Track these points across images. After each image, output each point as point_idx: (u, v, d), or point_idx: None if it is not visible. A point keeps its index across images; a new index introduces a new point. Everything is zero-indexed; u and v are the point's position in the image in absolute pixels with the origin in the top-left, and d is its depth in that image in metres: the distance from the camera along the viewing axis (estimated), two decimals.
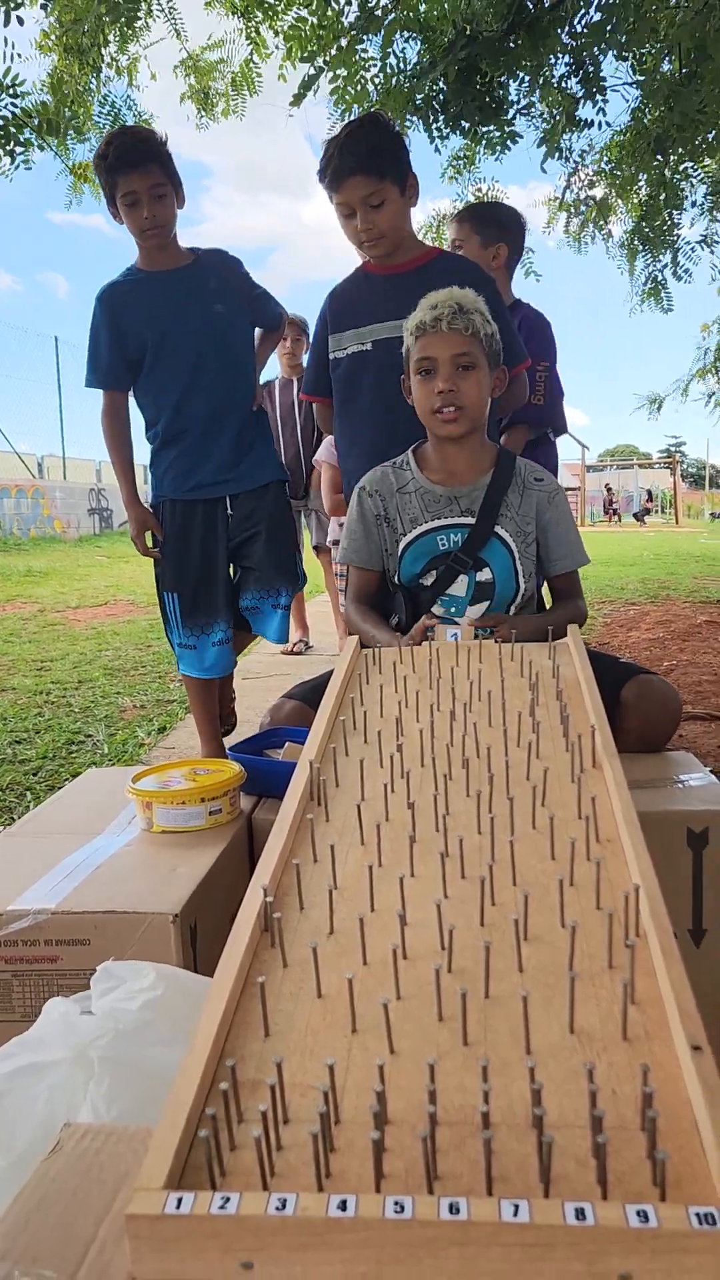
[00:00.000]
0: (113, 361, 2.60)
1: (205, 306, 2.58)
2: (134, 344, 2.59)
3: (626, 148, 4.69)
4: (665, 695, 1.78)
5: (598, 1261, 0.55)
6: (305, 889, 0.96)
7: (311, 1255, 0.58)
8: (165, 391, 2.60)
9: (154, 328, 2.56)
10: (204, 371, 2.58)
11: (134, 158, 2.43)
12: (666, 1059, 0.70)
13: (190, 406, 2.59)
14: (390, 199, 2.18)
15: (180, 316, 2.56)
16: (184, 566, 2.65)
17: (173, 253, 2.62)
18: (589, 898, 0.91)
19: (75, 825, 1.57)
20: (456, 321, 1.82)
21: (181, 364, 2.57)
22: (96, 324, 2.60)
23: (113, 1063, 0.88)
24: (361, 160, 2.13)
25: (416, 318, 1.87)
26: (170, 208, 2.54)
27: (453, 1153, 0.64)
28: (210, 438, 2.61)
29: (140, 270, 2.63)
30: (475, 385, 1.88)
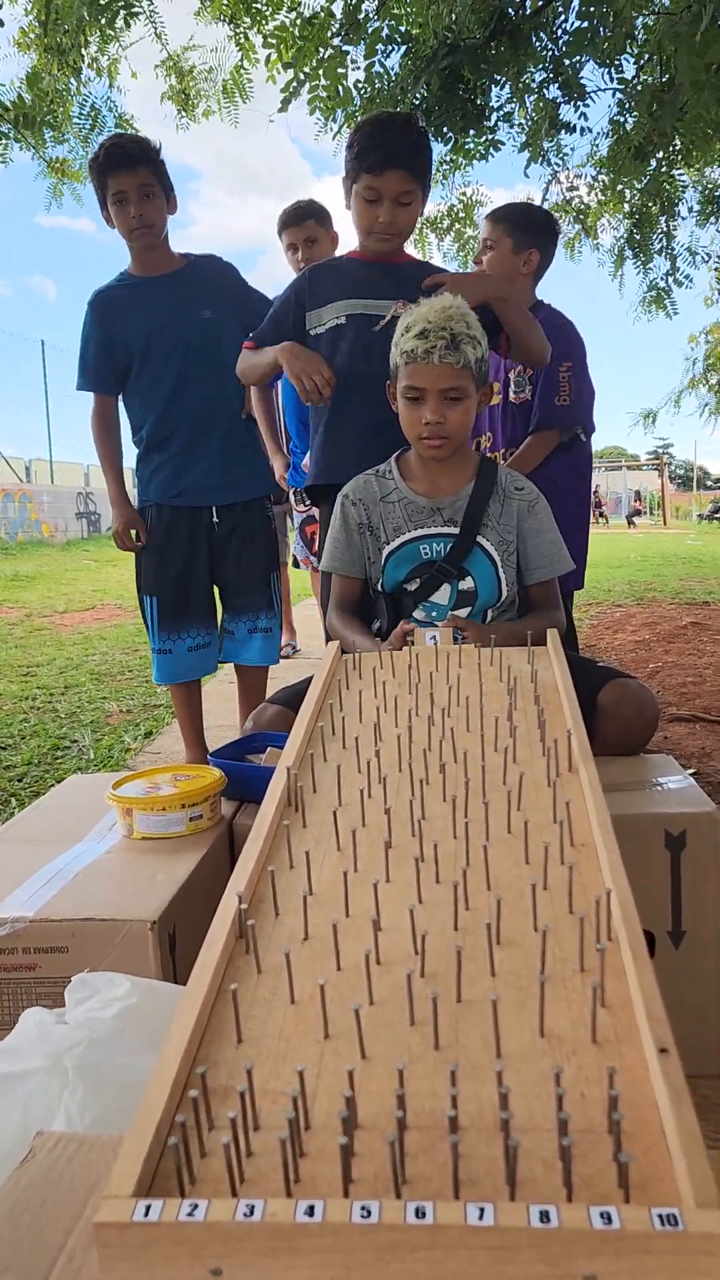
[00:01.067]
0: (100, 365, 2.63)
1: (193, 311, 2.60)
2: (122, 349, 2.61)
3: (609, 153, 4.71)
4: (642, 699, 1.79)
5: (562, 1263, 0.56)
6: (281, 895, 0.96)
7: (279, 1260, 0.58)
8: (151, 396, 2.63)
9: (142, 332, 2.59)
10: (190, 377, 2.60)
11: (123, 158, 2.48)
12: (635, 1062, 0.71)
13: (176, 411, 2.61)
14: (416, 203, 2.23)
15: (167, 321, 2.59)
16: (164, 570, 2.67)
17: (163, 257, 2.64)
18: (562, 902, 0.92)
19: (56, 832, 1.57)
20: (448, 356, 1.81)
21: (168, 369, 2.59)
22: (87, 328, 2.63)
23: (87, 1071, 0.88)
24: (409, 157, 2.16)
25: (407, 343, 1.85)
26: (158, 209, 2.56)
27: (421, 1157, 0.64)
28: (196, 443, 2.63)
29: (131, 275, 2.67)
30: (463, 415, 1.89)
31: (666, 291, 5.82)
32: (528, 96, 4.02)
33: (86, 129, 4.91)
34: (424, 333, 1.82)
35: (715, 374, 9.19)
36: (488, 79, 3.68)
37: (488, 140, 4.00)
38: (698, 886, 1.47)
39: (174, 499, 2.65)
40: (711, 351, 8.92)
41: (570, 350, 2.72)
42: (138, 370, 2.62)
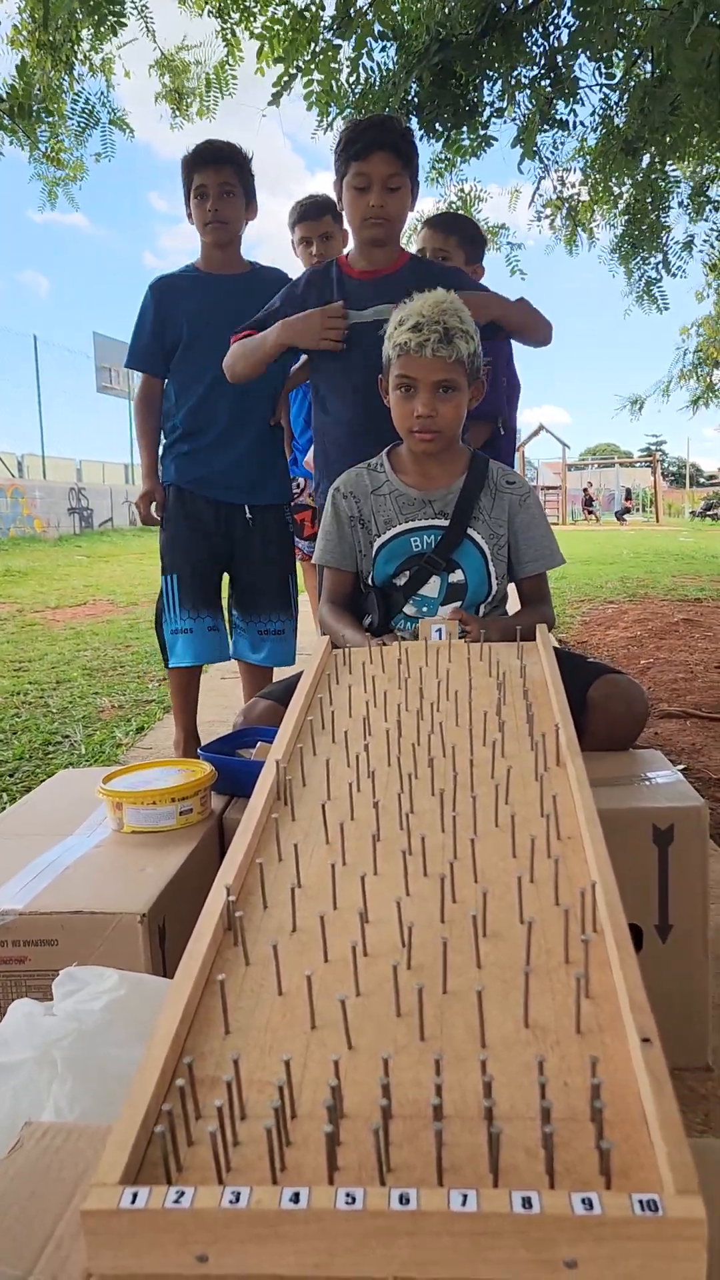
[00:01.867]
0: (152, 346, 2.72)
1: (247, 315, 2.63)
2: (172, 332, 2.70)
3: (599, 149, 4.72)
4: (631, 694, 1.79)
5: (544, 1249, 0.57)
6: (269, 888, 0.97)
7: (265, 1247, 0.59)
8: (190, 387, 2.70)
9: (194, 320, 2.67)
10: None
11: (212, 156, 2.61)
12: (617, 1051, 0.72)
13: (211, 404, 2.69)
14: (404, 190, 2.25)
15: (221, 316, 2.65)
16: (187, 549, 2.73)
17: (231, 258, 2.74)
18: (548, 894, 0.92)
19: (46, 826, 1.57)
20: (441, 349, 1.82)
21: (211, 362, 2.63)
22: (144, 309, 2.72)
23: (76, 1063, 0.89)
24: (394, 140, 2.20)
25: (400, 335, 1.85)
26: (236, 208, 2.66)
27: (406, 1145, 0.65)
28: (226, 440, 2.70)
29: (196, 269, 2.76)
30: (454, 409, 1.89)
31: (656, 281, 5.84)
32: (519, 93, 4.02)
33: (80, 126, 4.91)
34: (417, 325, 1.83)
35: (706, 367, 9.21)
36: (479, 75, 3.68)
37: (480, 137, 4.00)
38: (685, 881, 1.48)
39: (200, 487, 2.73)
40: (702, 344, 8.94)
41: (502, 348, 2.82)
42: (182, 356, 2.70)
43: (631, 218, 5.47)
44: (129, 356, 2.79)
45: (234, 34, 4.45)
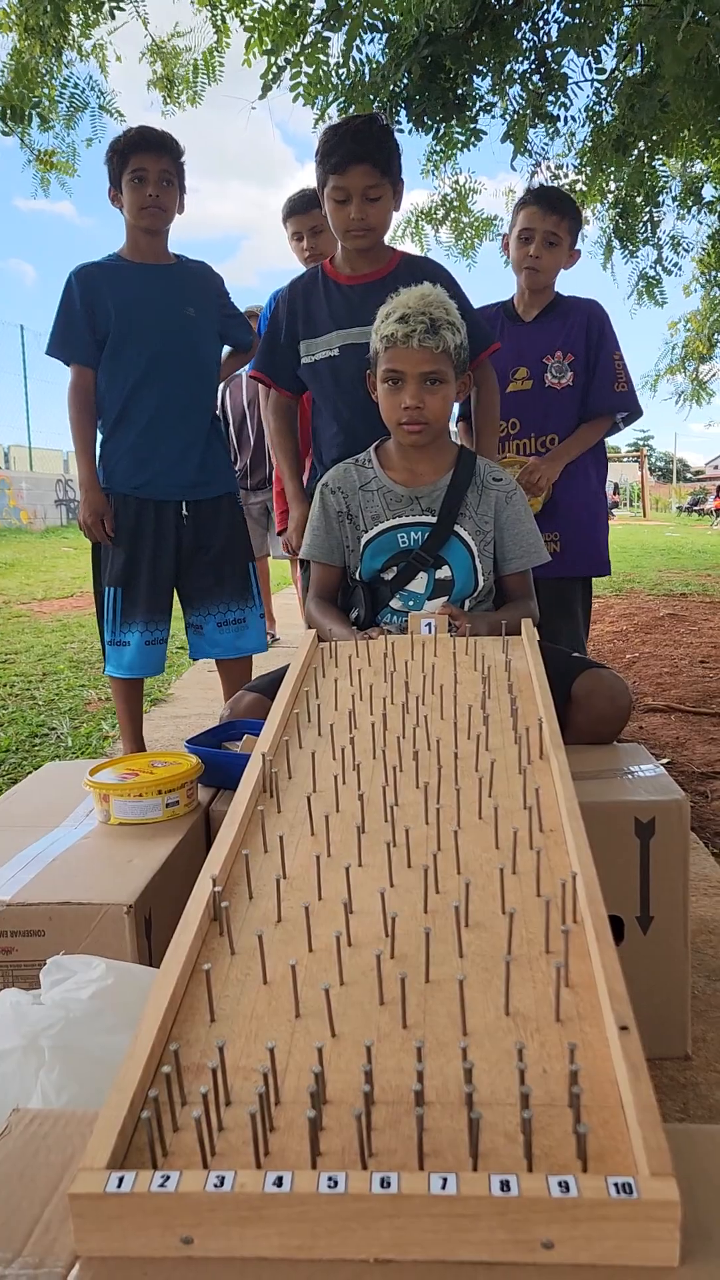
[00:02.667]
0: (83, 336, 2.62)
1: (177, 306, 2.62)
2: (101, 323, 2.61)
3: (589, 144, 4.72)
4: (615, 689, 1.81)
5: (521, 1230, 0.58)
6: (255, 879, 0.98)
7: (248, 1229, 0.60)
8: (122, 379, 2.63)
9: (123, 310, 2.59)
10: (163, 366, 2.61)
11: (153, 141, 2.54)
12: (596, 1039, 0.73)
13: (144, 395, 2.62)
14: (385, 197, 2.22)
15: (150, 306, 2.60)
16: (133, 562, 2.66)
17: (159, 248, 2.67)
18: (530, 885, 0.94)
19: (32, 818, 1.58)
20: (428, 340, 1.83)
21: (141, 354, 2.59)
22: (70, 298, 2.62)
23: (63, 1050, 0.90)
24: (370, 151, 2.17)
25: (387, 327, 1.86)
26: (172, 197, 2.60)
27: (388, 1130, 0.66)
28: (162, 433, 2.63)
29: (122, 257, 2.67)
30: (441, 400, 1.90)
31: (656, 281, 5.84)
32: (510, 88, 4.02)
33: (69, 111, 4.88)
34: (404, 317, 1.84)
35: (692, 362, 9.23)
36: (469, 69, 3.68)
37: (470, 130, 4.00)
38: (666, 873, 1.49)
39: (139, 489, 2.65)
40: (690, 340, 8.95)
41: (616, 340, 2.74)
42: (114, 347, 2.62)
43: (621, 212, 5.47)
44: (58, 347, 2.65)
45: (224, 20, 4.44)
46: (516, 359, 2.71)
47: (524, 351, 2.72)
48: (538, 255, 2.67)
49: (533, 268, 2.68)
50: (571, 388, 2.69)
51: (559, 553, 2.68)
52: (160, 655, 2.74)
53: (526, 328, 2.75)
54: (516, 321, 2.78)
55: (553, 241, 2.67)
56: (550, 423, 2.71)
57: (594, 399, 2.70)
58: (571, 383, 2.69)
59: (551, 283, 2.77)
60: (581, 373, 2.69)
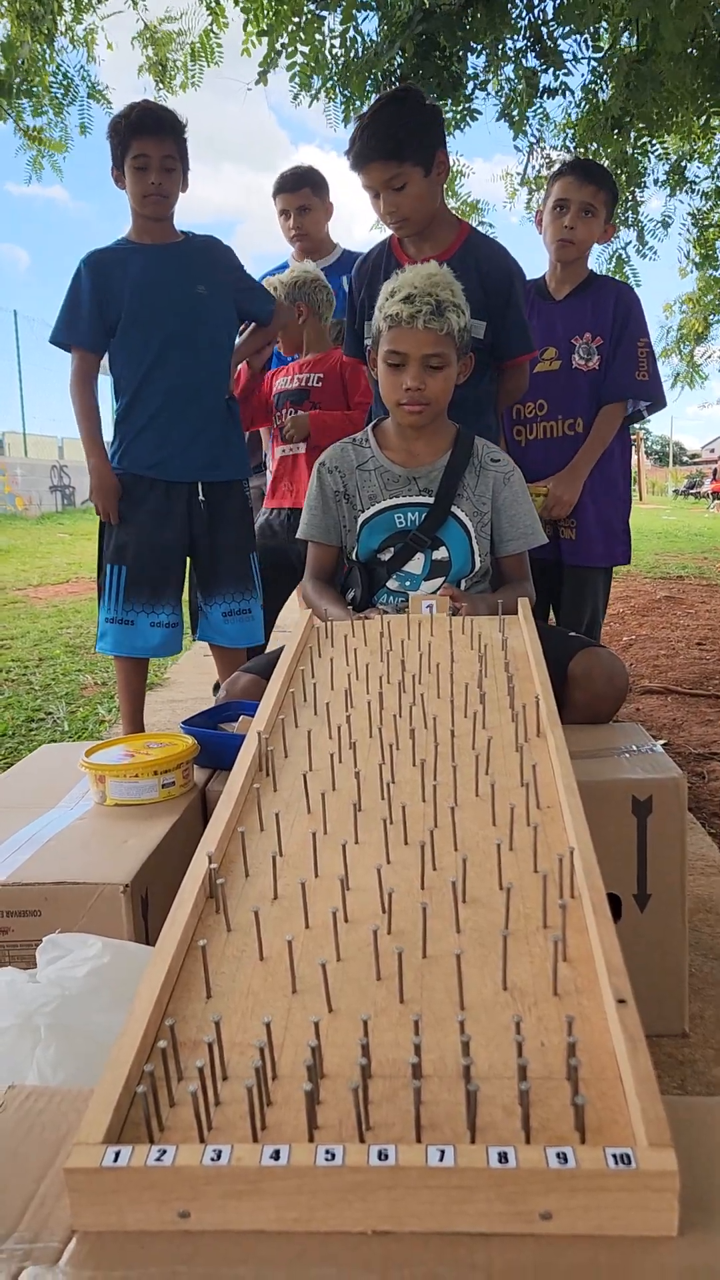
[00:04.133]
0: (93, 322, 2.60)
1: (187, 284, 2.59)
2: (112, 307, 2.59)
3: (584, 123, 4.68)
4: (613, 668, 1.80)
5: (519, 1201, 0.58)
6: (251, 856, 0.97)
7: (245, 1203, 0.60)
8: (135, 361, 2.61)
9: (134, 293, 2.57)
10: (175, 346, 2.58)
11: (153, 125, 2.49)
12: (594, 1012, 0.73)
13: (158, 376, 2.60)
14: (412, 181, 2.18)
15: (160, 287, 2.58)
16: (142, 541, 2.64)
17: (165, 230, 2.65)
18: (527, 861, 0.93)
19: (28, 799, 1.57)
20: (432, 322, 1.81)
21: (153, 335, 2.57)
22: (79, 284, 2.60)
23: (59, 1029, 0.90)
24: (381, 144, 2.14)
25: (391, 306, 1.84)
26: (175, 182, 2.57)
27: (385, 1104, 0.66)
28: (176, 414, 2.61)
29: (130, 241, 2.66)
30: (443, 382, 1.89)
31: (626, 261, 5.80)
32: (505, 65, 3.99)
33: (60, 98, 4.83)
34: (409, 297, 1.82)
35: (688, 344, 9.16)
36: (463, 47, 3.65)
37: (464, 109, 3.97)
38: (663, 851, 1.49)
39: (152, 469, 2.63)
40: (685, 322, 8.89)
41: (644, 326, 2.70)
42: (125, 330, 2.60)
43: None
44: (64, 333, 2.63)
45: (218, 2, 4.39)
46: (546, 338, 2.67)
47: (553, 331, 2.68)
48: (572, 226, 2.62)
49: (567, 239, 2.63)
50: (598, 371, 2.65)
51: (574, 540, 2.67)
52: (169, 638, 2.71)
53: (557, 306, 2.71)
54: (547, 299, 2.73)
55: (589, 211, 2.62)
56: (577, 405, 2.67)
57: (611, 384, 2.65)
58: (598, 366, 2.65)
59: (585, 256, 2.72)
60: (610, 354, 2.65)
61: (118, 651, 2.69)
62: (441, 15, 3.45)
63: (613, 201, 2.73)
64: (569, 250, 2.66)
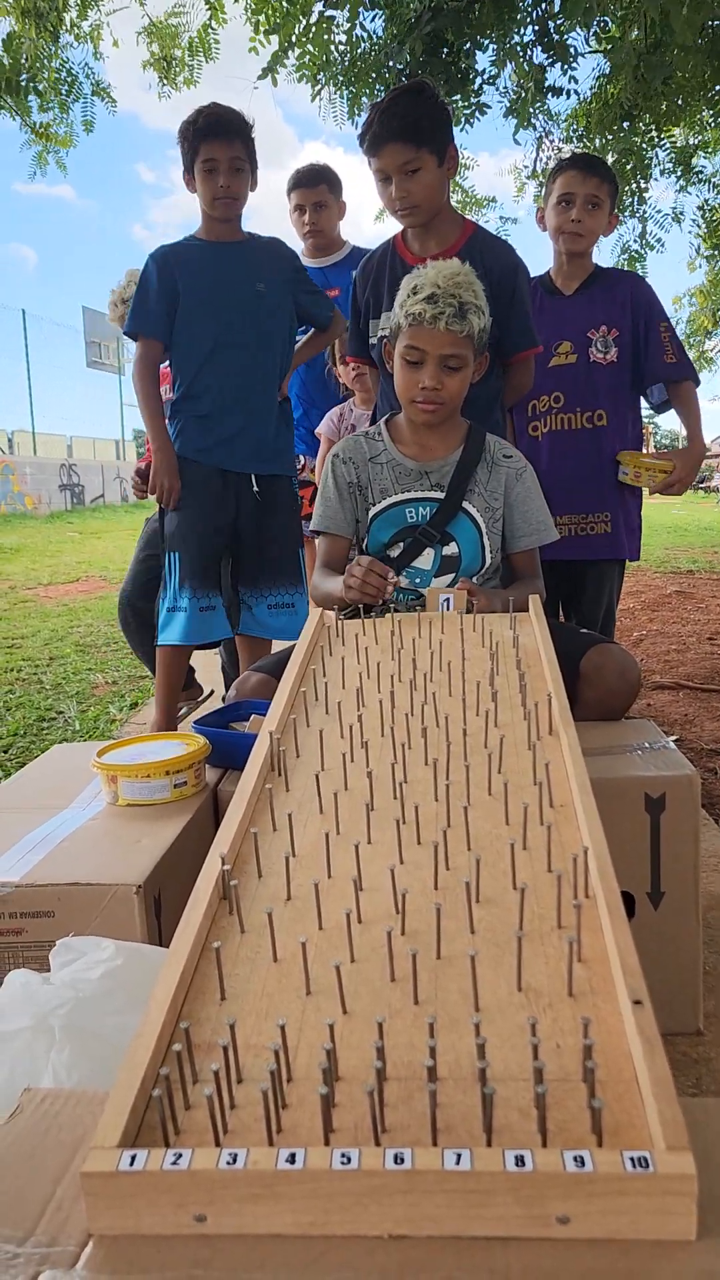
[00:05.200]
0: (158, 312, 2.65)
1: (249, 281, 2.63)
2: (175, 298, 2.64)
3: (593, 115, 4.66)
4: (624, 664, 1.80)
5: (536, 1205, 0.58)
6: (264, 857, 0.97)
7: (261, 1206, 0.59)
8: (192, 355, 2.65)
9: (196, 286, 2.63)
10: (233, 340, 2.62)
11: (221, 128, 2.53)
12: (609, 1013, 0.73)
13: (217, 368, 2.64)
14: (426, 168, 2.18)
15: (222, 282, 2.63)
16: (195, 526, 2.66)
17: (231, 229, 2.70)
18: (540, 861, 0.93)
19: (40, 800, 1.58)
20: (454, 324, 1.81)
21: (209, 330, 2.61)
22: (148, 277, 2.66)
23: (74, 1031, 0.90)
24: (401, 127, 2.14)
25: (414, 305, 1.84)
26: (244, 184, 2.62)
27: (401, 1106, 0.66)
28: (230, 406, 2.64)
29: (197, 238, 2.71)
30: (459, 382, 1.89)
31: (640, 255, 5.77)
32: (511, 61, 3.97)
33: (65, 95, 4.83)
34: (432, 297, 1.82)
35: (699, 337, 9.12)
36: (471, 43, 3.63)
37: (473, 104, 3.95)
38: (677, 849, 1.49)
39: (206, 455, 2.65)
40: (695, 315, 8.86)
41: (662, 310, 2.71)
42: (184, 322, 2.65)
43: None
44: (134, 323, 2.69)
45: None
46: (558, 333, 2.67)
47: (566, 325, 2.68)
48: (579, 219, 2.61)
49: (575, 232, 2.63)
50: (616, 364, 2.66)
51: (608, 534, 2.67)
52: (216, 623, 2.70)
53: (568, 301, 2.70)
54: (555, 295, 2.73)
55: (595, 204, 2.62)
56: (599, 398, 2.67)
57: (648, 373, 2.66)
58: (616, 359, 2.65)
59: (591, 249, 2.71)
60: (628, 349, 2.65)
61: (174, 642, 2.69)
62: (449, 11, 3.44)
63: (614, 193, 2.73)
64: (579, 241, 2.65)
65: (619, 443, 2.70)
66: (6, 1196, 0.64)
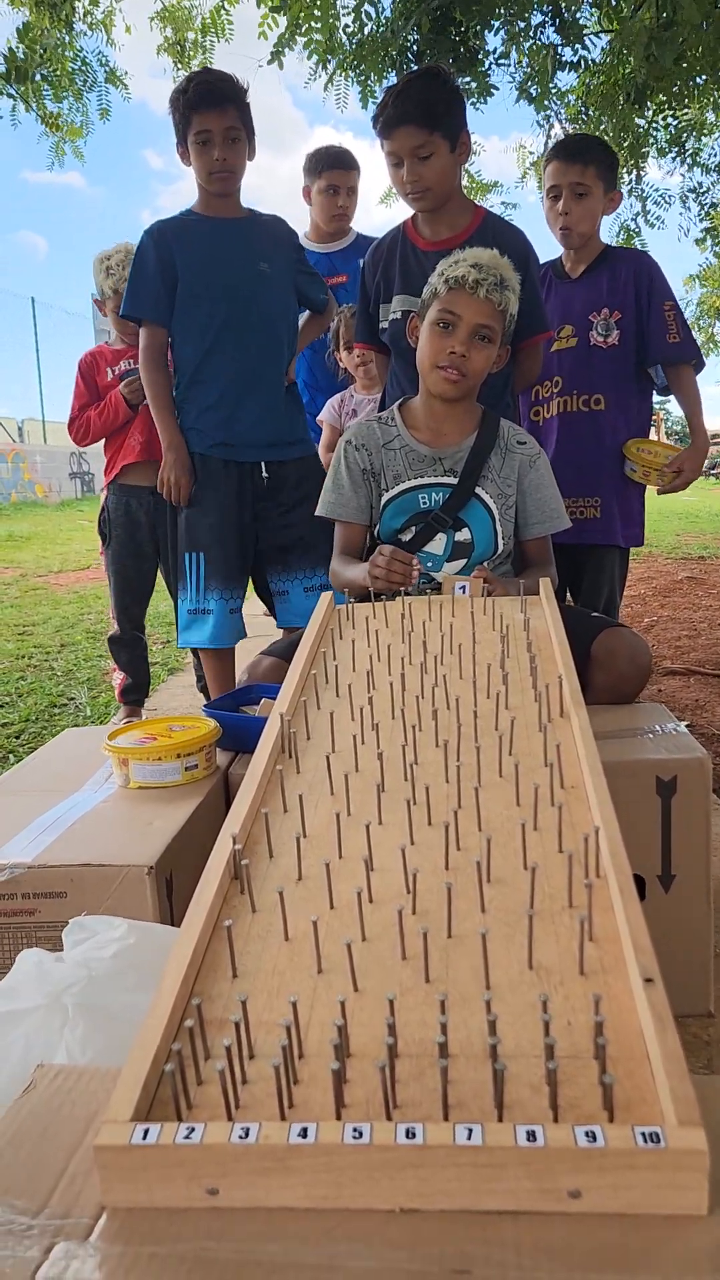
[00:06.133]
0: (158, 294, 2.53)
1: (250, 261, 2.53)
2: (175, 279, 2.53)
3: (604, 95, 4.62)
4: (635, 648, 1.79)
5: (547, 1179, 0.58)
6: (275, 838, 0.97)
7: (273, 1180, 0.60)
8: (196, 337, 2.55)
9: (197, 266, 2.52)
10: (238, 322, 2.52)
11: (213, 96, 2.41)
12: (621, 991, 0.73)
13: (218, 356, 2.54)
14: (439, 153, 2.17)
15: (224, 261, 2.52)
16: (216, 525, 2.58)
17: (231, 204, 2.58)
18: (551, 841, 0.93)
19: (52, 783, 1.58)
20: (494, 294, 1.83)
21: (215, 311, 2.51)
22: (144, 255, 2.54)
23: (87, 1008, 0.90)
24: (414, 110, 2.13)
25: (456, 271, 1.85)
26: (241, 154, 2.50)
27: (412, 1083, 0.66)
28: (239, 391, 2.55)
29: (195, 213, 2.59)
30: (484, 359, 1.90)
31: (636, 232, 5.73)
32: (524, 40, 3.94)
33: (79, 84, 4.82)
34: (476, 264, 1.84)
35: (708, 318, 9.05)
36: (480, 22, 3.60)
37: (482, 85, 3.92)
38: (687, 831, 1.49)
39: (217, 448, 2.56)
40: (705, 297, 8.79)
41: (668, 289, 2.65)
42: (185, 304, 2.53)
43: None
44: (131, 305, 2.57)
45: None
46: (563, 316, 2.64)
47: (570, 308, 2.65)
48: (566, 211, 2.58)
49: (565, 226, 2.59)
50: (618, 347, 2.61)
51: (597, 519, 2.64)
52: (240, 624, 2.65)
53: (574, 284, 2.67)
54: (564, 279, 2.70)
55: (581, 193, 2.57)
56: (596, 381, 2.63)
57: (651, 352, 2.61)
58: (618, 341, 2.61)
59: (590, 234, 2.65)
60: (631, 331, 2.60)
61: (203, 644, 2.64)
62: None
63: (610, 171, 2.65)
64: (569, 237, 2.63)
65: (620, 428, 2.65)
66: (21, 1170, 0.65)
